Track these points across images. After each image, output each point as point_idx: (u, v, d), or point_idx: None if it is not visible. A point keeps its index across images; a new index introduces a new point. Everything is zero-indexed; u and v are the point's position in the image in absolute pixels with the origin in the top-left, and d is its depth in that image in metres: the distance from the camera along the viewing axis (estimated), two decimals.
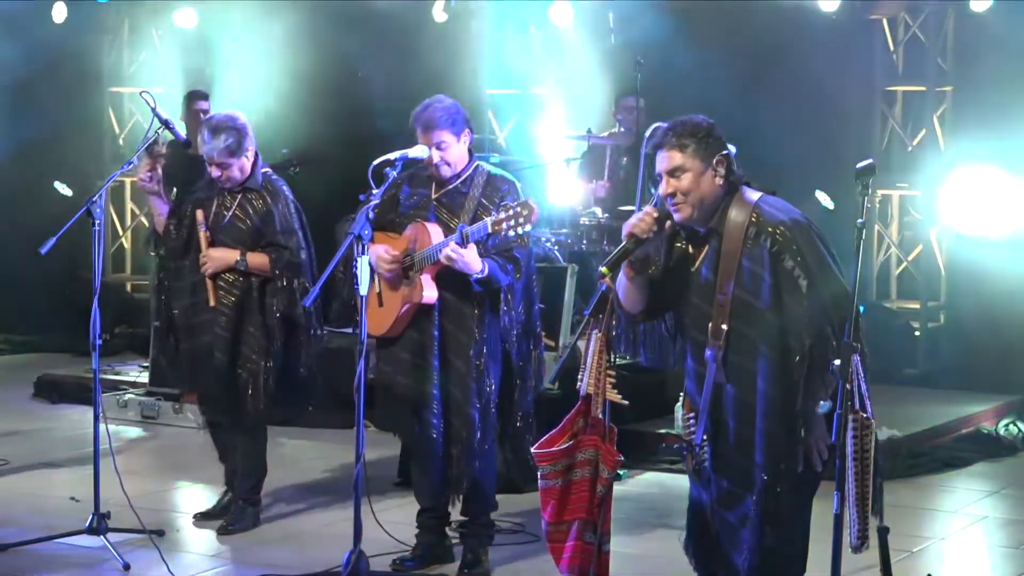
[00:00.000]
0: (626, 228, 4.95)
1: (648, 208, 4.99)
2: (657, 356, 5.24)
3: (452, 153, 6.50)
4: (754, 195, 4.93)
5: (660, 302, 5.08)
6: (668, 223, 4.96)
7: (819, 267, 4.79)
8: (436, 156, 6.48)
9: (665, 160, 4.91)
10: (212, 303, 7.27)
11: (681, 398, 5.20)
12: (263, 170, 7.39)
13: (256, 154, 7.34)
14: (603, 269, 4.98)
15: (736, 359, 4.86)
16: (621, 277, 5.03)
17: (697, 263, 4.96)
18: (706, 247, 4.94)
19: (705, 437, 4.97)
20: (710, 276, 4.90)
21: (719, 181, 4.90)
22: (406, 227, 6.54)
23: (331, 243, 6.66)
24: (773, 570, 4.96)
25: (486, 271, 6.30)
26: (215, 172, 7.24)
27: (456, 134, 6.50)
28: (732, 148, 5.01)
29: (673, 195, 4.90)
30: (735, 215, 4.88)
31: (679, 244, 5.04)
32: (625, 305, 5.09)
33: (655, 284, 5.04)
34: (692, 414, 5.05)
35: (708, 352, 4.88)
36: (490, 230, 6.16)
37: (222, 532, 7.36)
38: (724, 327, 4.84)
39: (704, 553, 5.13)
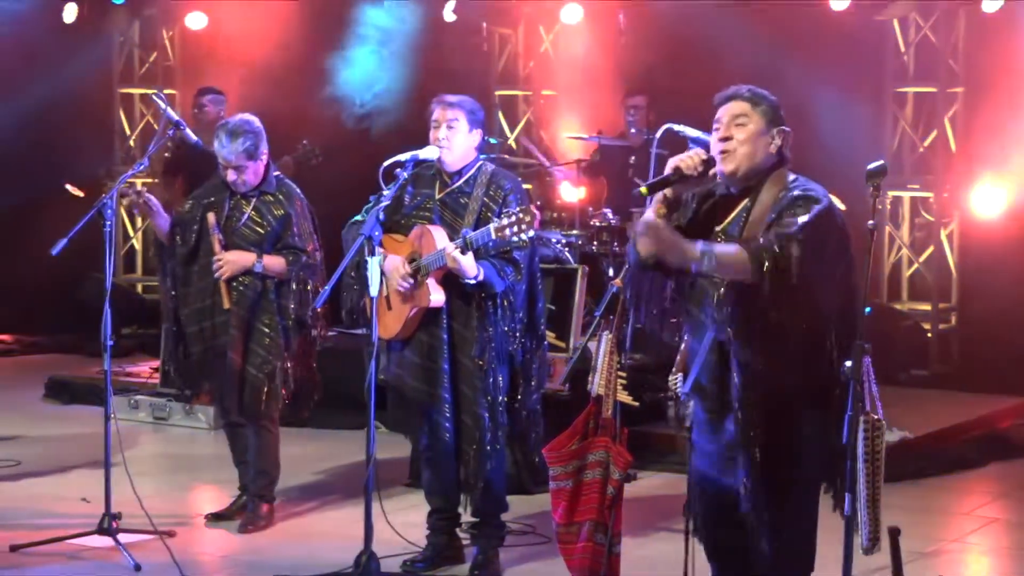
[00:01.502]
0: (673, 161, 4.94)
1: (699, 149, 4.98)
2: (656, 319, 5.18)
3: (458, 137, 6.50)
4: (796, 176, 4.96)
5: None
6: (712, 171, 4.94)
7: (814, 245, 4.75)
8: (443, 131, 6.47)
9: (732, 108, 4.95)
10: (227, 305, 7.29)
11: (675, 365, 5.17)
12: (275, 173, 7.42)
13: (269, 157, 7.37)
14: (643, 189, 4.96)
15: (744, 316, 4.84)
16: (648, 213, 5.00)
17: (724, 223, 4.93)
18: (737, 208, 4.92)
19: (697, 394, 4.96)
20: (735, 236, 4.88)
21: (772, 150, 4.93)
22: (411, 229, 6.54)
23: (338, 242, 6.68)
24: (785, 560, 4.96)
25: (481, 275, 6.30)
26: (231, 175, 7.26)
27: (470, 123, 6.52)
28: None
29: (728, 140, 4.91)
30: (774, 186, 4.90)
31: (707, 205, 5.03)
32: (641, 244, 5.05)
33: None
34: (681, 373, 5.05)
35: (713, 313, 4.87)
36: (493, 236, 6.16)
37: (242, 531, 7.40)
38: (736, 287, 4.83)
39: (712, 531, 5.12)
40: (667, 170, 4.94)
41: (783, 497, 4.89)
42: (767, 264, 4.66)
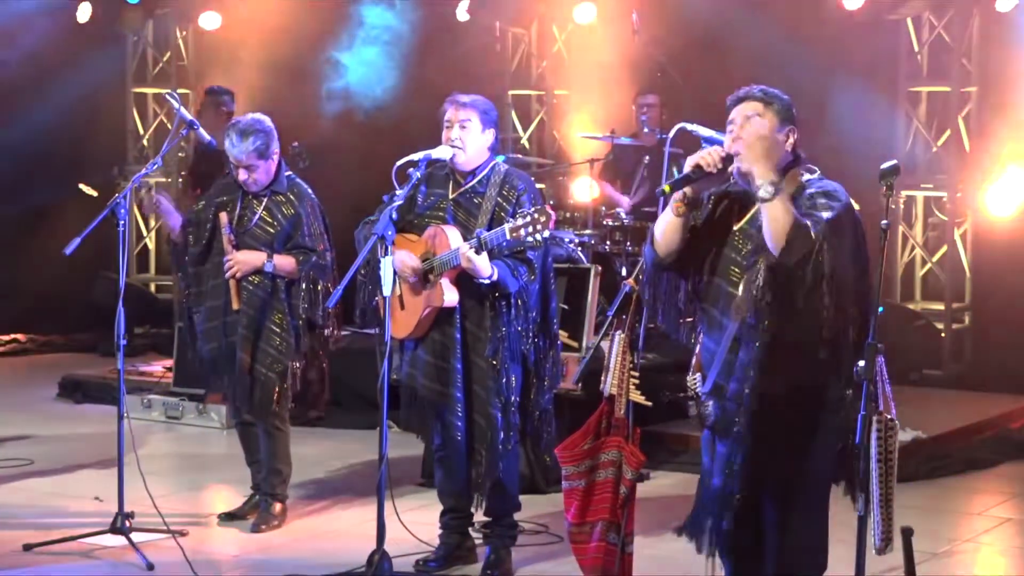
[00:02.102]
0: (693, 159, 4.98)
1: (717, 147, 5.01)
2: (671, 320, 5.23)
3: (471, 138, 6.49)
4: (814, 173, 5.00)
5: (693, 254, 5.07)
6: (732, 168, 4.96)
7: (833, 242, 4.77)
8: (456, 131, 6.47)
9: (745, 108, 5.00)
10: (236, 306, 7.30)
11: (691, 367, 5.19)
12: (286, 173, 7.43)
13: (280, 157, 7.38)
14: (665, 187, 5.00)
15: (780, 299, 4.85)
16: (667, 212, 5.02)
17: (742, 222, 4.96)
18: (754, 207, 4.94)
19: (715, 395, 4.98)
20: (753, 235, 4.90)
21: (788, 147, 4.98)
22: (424, 228, 6.54)
23: (348, 242, 6.68)
24: (797, 558, 4.95)
25: (495, 275, 6.30)
26: (242, 175, 7.28)
27: (483, 123, 6.50)
28: None
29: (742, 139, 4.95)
30: (789, 184, 4.93)
31: (725, 203, 5.06)
32: (660, 242, 5.07)
33: (693, 237, 5.04)
34: (699, 374, 5.06)
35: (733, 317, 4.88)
36: (508, 236, 6.15)
37: (255, 531, 7.41)
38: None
39: (726, 540, 5.11)
40: (687, 168, 4.97)
41: (789, 496, 4.89)
42: (799, 244, 4.70)
